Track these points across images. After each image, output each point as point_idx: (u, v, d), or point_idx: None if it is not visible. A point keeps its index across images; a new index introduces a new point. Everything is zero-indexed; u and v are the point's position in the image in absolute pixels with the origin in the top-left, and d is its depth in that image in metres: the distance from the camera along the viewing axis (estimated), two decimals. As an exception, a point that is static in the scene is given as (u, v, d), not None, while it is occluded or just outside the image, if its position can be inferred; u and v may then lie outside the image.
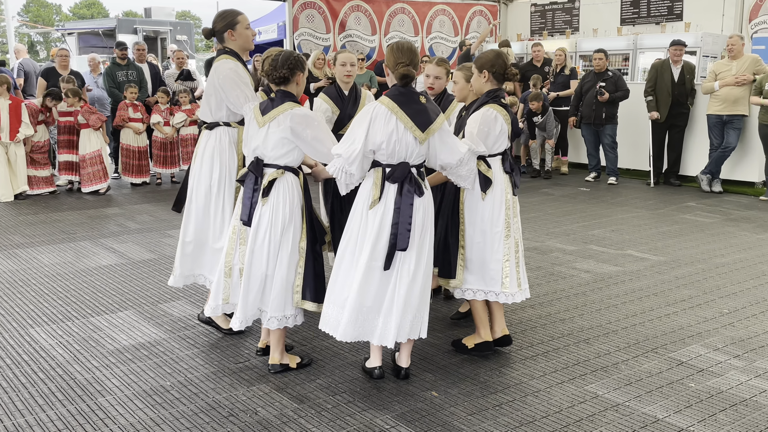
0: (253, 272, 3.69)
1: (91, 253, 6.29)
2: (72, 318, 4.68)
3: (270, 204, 3.65)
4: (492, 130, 3.87)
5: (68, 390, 3.62)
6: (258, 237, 3.67)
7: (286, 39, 12.98)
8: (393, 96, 3.50)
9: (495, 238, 3.93)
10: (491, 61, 3.94)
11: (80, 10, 64.09)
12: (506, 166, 3.98)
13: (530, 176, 10.67)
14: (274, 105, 3.64)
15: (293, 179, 3.70)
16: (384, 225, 3.50)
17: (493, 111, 3.89)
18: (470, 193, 3.93)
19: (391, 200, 3.50)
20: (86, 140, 9.17)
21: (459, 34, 14.69)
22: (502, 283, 3.96)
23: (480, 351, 4.04)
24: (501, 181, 3.95)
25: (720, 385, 3.70)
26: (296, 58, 3.66)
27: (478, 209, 3.93)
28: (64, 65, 10.03)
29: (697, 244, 6.65)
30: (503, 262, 3.95)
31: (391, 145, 3.46)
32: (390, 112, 3.46)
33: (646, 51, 12.28)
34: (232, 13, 4.14)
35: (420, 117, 3.47)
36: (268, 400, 3.52)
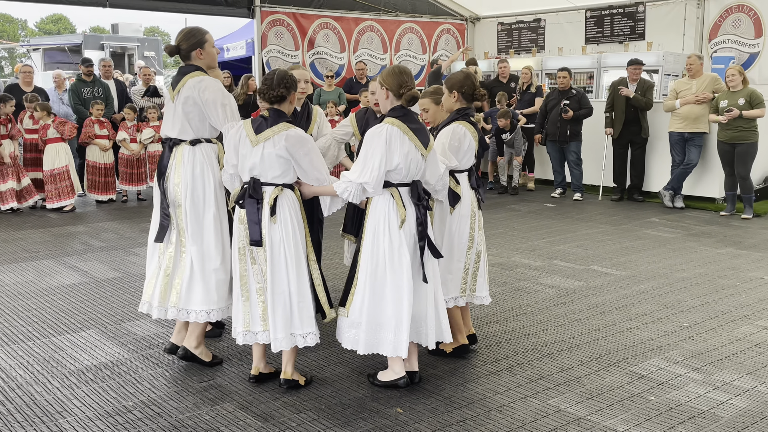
0: (277, 292, 3.67)
1: (54, 272, 6.20)
2: (33, 338, 4.61)
3: (279, 222, 3.66)
4: (461, 145, 4.05)
5: (28, 411, 3.56)
6: (275, 256, 3.66)
7: (255, 56, 12.98)
8: (400, 117, 3.66)
9: (458, 249, 4.15)
10: (461, 81, 4.14)
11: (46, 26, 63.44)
12: (472, 181, 4.17)
13: (497, 192, 10.78)
14: (268, 124, 3.64)
15: (292, 195, 3.74)
16: (411, 242, 3.69)
17: (462, 127, 4.08)
18: (439, 206, 4.11)
19: (412, 216, 3.69)
20: (54, 155, 9.06)
21: (427, 52, 14.83)
22: (461, 288, 4.20)
23: (458, 354, 4.25)
24: (468, 197, 4.14)
25: (679, 397, 3.76)
26: (291, 77, 3.72)
27: (446, 222, 4.12)
28: (27, 81, 9.93)
29: (659, 258, 6.77)
30: (463, 270, 4.18)
31: (408, 164, 3.62)
32: (402, 132, 3.61)
33: (610, 69, 12.49)
34: (201, 32, 4.10)
35: (422, 135, 3.67)
36: (232, 419, 3.50)
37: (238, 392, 3.80)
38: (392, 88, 3.69)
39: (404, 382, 3.79)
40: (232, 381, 3.94)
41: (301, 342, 3.74)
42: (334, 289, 5.49)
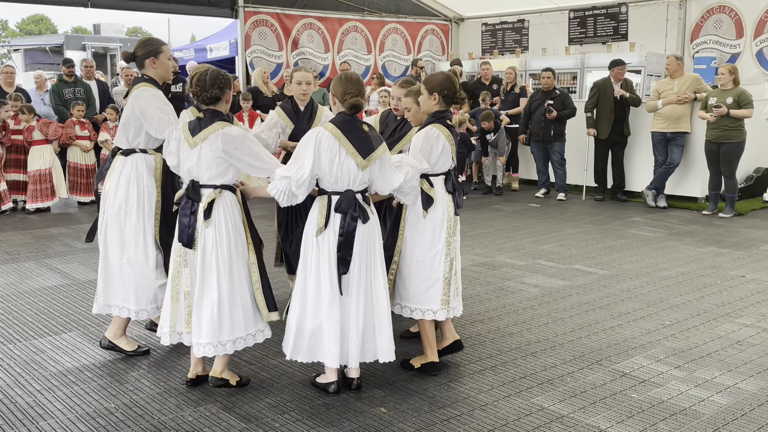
0: (206, 296, 3.62)
1: (35, 274, 6.15)
2: (14, 341, 4.57)
3: (213, 225, 3.59)
4: (434, 149, 3.93)
5: (8, 414, 3.53)
6: (206, 261, 3.61)
7: (238, 56, 12.95)
8: (337, 123, 3.60)
9: (436, 257, 3.99)
10: (441, 83, 3.98)
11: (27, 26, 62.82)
12: (448, 186, 4.04)
13: (482, 193, 10.81)
14: (202, 125, 3.59)
15: (231, 197, 3.67)
16: (332, 251, 3.61)
17: (436, 130, 3.96)
18: (412, 210, 3.99)
19: (337, 226, 3.60)
20: (38, 156, 8.99)
21: (411, 53, 14.85)
22: (441, 300, 4.02)
23: (426, 371, 4.06)
24: (443, 201, 4.01)
25: (661, 395, 3.79)
26: (224, 76, 3.66)
27: (419, 227, 3.98)
28: (9, 82, 9.84)
29: (642, 257, 6.81)
30: (442, 280, 4.01)
31: (334, 171, 3.55)
32: (333, 137, 3.55)
33: (593, 69, 12.59)
34: (157, 42, 4.27)
35: (362, 144, 3.58)
36: (215, 420, 3.49)
37: (221, 393, 3.78)
38: (337, 95, 3.68)
39: (333, 387, 3.74)
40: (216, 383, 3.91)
41: (229, 348, 3.68)
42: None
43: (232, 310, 3.65)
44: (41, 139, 9.03)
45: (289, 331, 3.72)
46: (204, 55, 15.47)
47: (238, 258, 3.66)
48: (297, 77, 5.04)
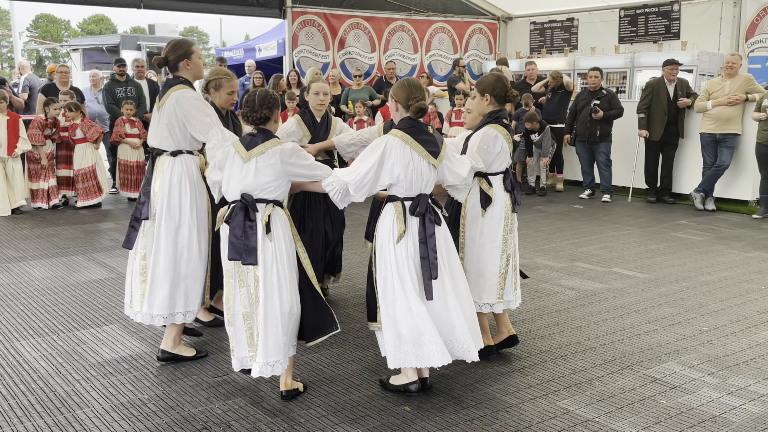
0: (269, 313, 3.56)
1: (83, 268, 6.37)
2: (58, 331, 4.75)
3: (274, 239, 3.57)
4: (491, 148, 4.05)
5: (47, 402, 3.68)
6: (267, 274, 3.56)
7: (286, 56, 13.12)
8: (405, 128, 3.66)
9: (493, 253, 4.13)
10: (492, 84, 4.14)
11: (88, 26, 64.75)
12: (507, 184, 4.17)
13: (525, 193, 10.72)
14: (258, 141, 3.58)
15: (282, 213, 3.67)
16: (415, 257, 3.63)
17: (494, 130, 4.08)
18: (472, 209, 4.11)
19: (415, 232, 3.65)
20: (81, 155, 9.29)
21: (458, 52, 14.81)
22: (497, 293, 4.17)
23: (484, 355, 4.17)
24: (501, 199, 4.14)
25: (691, 401, 3.73)
26: (272, 97, 3.65)
27: (477, 224, 4.12)
28: (64, 81, 10.19)
29: (685, 261, 6.68)
30: (498, 275, 4.16)
31: (409, 176, 3.60)
32: (404, 143, 3.61)
33: (643, 69, 12.36)
34: (187, 44, 4.23)
35: (431, 146, 3.65)
36: (242, 413, 3.57)
37: (250, 388, 3.87)
38: (401, 101, 3.70)
39: (416, 387, 3.77)
40: (245, 377, 4.00)
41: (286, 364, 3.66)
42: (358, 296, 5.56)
43: (293, 323, 3.66)
44: (83, 138, 9.32)
45: (389, 342, 3.68)
46: (253, 54, 15.71)
47: (295, 271, 3.67)
48: (314, 87, 5.08)
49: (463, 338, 3.69)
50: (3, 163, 8.81)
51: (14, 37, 25.09)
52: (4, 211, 8.81)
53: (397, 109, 3.76)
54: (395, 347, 3.67)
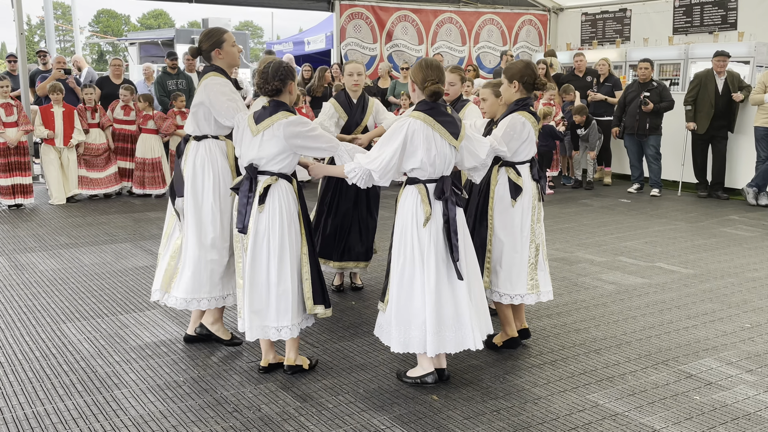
0: (255, 281, 3.73)
1: (130, 255, 6.56)
2: (102, 315, 4.92)
3: (266, 211, 3.69)
4: (518, 135, 4.04)
5: (88, 382, 3.82)
6: (257, 245, 3.70)
7: (334, 49, 13.21)
8: (425, 110, 3.62)
9: (524, 243, 4.14)
10: (521, 71, 4.11)
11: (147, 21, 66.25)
12: (534, 173, 4.16)
13: (572, 186, 10.59)
14: (267, 114, 3.70)
15: (287, 186, 3.75)
16: (440, 239, 3.63)
17: (522, 117, 4.06)
18: (500, 200, 4.10)
19: (439, 214, 3.64)
20: (150, 145, 9.56)
21: (508, 44, 14.66)
22: (528, 284, 4.18)
23: (509, 347, 4.27)
24: (529, 188, 4.14)
25: (726, 398, 3.65)
26: (286, 68, 3.74)
27: (507, 215, 4.10)
28: (117, 74, 10.47)
29: (732, 257, 6.51)
30: (528, 265, 4.16)
31: (432, 159, 3.59)
32: (426, 125, 3.59)
33: (697, 61, 12.01)
34: (219, 32, 4.25)
35: (452, 127, 3.64)
36: (272, 397, 3.65)
37: (282, 374, 3.94)
38: (417, 82, 3.67)
39: (432, 378, 3.76)
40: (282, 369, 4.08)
41: (274, 335, 3.76)
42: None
43: (279, 297, 3.73)
44: (153, 129, 9.57)
45: (389, 323, 3.70)
46: (302, 47, 15.86)
47: (290, 246, 3.72)
48: (348, 69, 5.17)
49: (469, 326, 3.65)
50: (59, 152, 9.13)
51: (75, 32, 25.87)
52: (60, 200, 9.12)
53: (414, 89, 3.76)
54: (404, 332, 3.66)
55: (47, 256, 6.49)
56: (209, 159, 4.19)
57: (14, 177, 8.73)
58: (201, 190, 4.18)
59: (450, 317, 3.64)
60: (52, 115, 9.05)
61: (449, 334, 3.64)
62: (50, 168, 9.12)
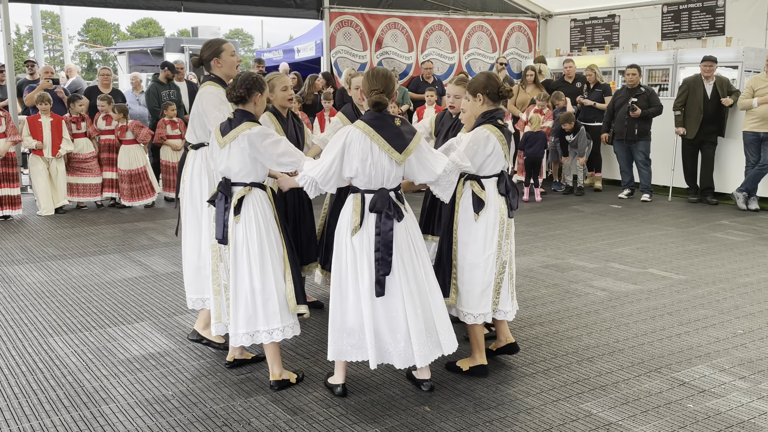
0: (240, 290, 3.76)
1: (119, 266, 6.50)
2: (90, 328, 4.86)
3: (243, 221, 3.73)
4: (481, 150, 3.84)
5: (75, 397, 3.76)
6: (238, 255, 3.74)
7: (323, 57, 13.18)
8: (368, 120, 3.59)
9: (489, 261, 3.92)
10: (483, 83, 3.94)
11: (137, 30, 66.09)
12: (501, 187, 3.94)
13: (562, 193, 10.59)
14: (232, 126, 3.72)
15: (261, 194, 3.80)
16: (370, 251, 3.59)
17: (486, 131, 3.86)
18: (464, 213, 3.94)
19: (372, 226, 3.59)
20: (133, 156, 9.49)
21: (497, 50, 14.68)
22: (493, 302, 3.99)
23: (475, 374, 4.03)
24: (495, 203, 3.92)
25: (719, 406, 3.63)
26: (254, 79, 3.77)
27: (471, 230, 3.93)
28: (105, 84, 10.40)
29: (723, 263, 6.51)
30: (494, 284, 3.96)
31: (367, 169, 3.54)
32: (365, 135, 3.54)
33: (686, 66, 12.05)
34: (218, 42, 4.38)
35: (396, 140, 3.55)
36: (263, 411, 3.60)
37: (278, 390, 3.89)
38: (365, 92, 3.67)
39: (339, 390, 3.76)
40: (268, 375, 4.03)
41: (266, 338, 3.79)
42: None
43: (266, 301, 3.76)
44: (132, 139, 9.51)
45: (331, 333, 3.71)
46: (292, 55, 15.82)
47: (271, 251, 3.76)
48: (355, 82, 5.11)
49: (415, 342, 3.59)
50: (47, 163, 9.06)
51: (64, 41, 25.77)
52: (48, 211, 9.05)
53: (363, 99, 3.74)
54: (337, 339, 3.67)
55: (35, 269, 6.42)
56: (206, 167, 4.30)
57: (2, 188, 8.66)
58: (199, 197, 4.32)
59: (386, 331, 3.61)
60: (40, 125, 8.98)
61: (390, 347, 3.63)
62: (38, 179, 9.05)
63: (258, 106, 3.83)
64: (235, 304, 3.78)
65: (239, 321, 3.77)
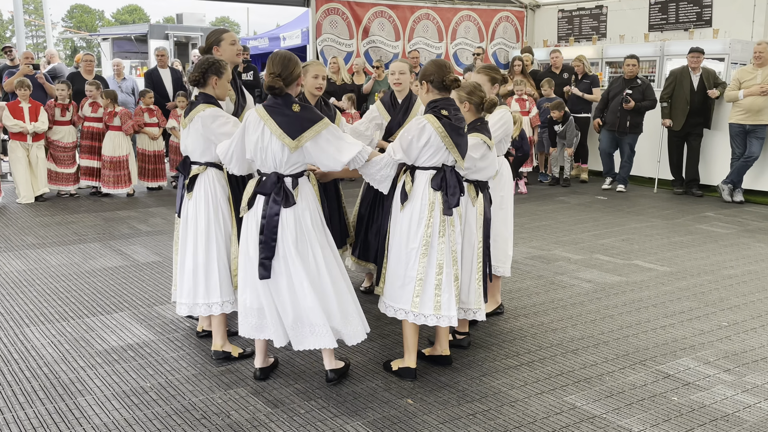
0: (185, 262, 4.00)
1: (99, 255, 6.40)
2: (68, 318, 4.77)
3: (193, 198, 3.97)
4: (416, 140, 3.65)
5: (50, 389, 3.68)
6: (187, 229, 3.99)
7: (309, 45, 13.06)
8: (266, 105, 3.56)
9: (411, 255, 3.71)
10: (428, 71, 3.77)
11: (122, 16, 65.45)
12: (435, 182, 3.68)
13: (548, 184, 10.57)
14: (192, 107, 3.93)
15: (215, 174, 3.99)
16: (256, 233, 3.59)
17: (423, 121, 3.66)
18: (395, 204, 3.80)
19: (260, 209, 3.58)
20: (117, 143, 9.32)
21: (484, 40, 14.61)
22: (412, 302, 3.73)
23: (402, 376, 3.85)
24: (423, 197, 3.69)
25: (704, 399, 3.61)
26: (211, 63, 3.92)
27: (397, 221, 3.79)
28: (88, 70, 10.23)
29: (708, 255, 6.50)
30: (416, 280, 3.72)
31: (258, 153, 3.54)
32: (260, 119, 3.52)
33: (673, 57, 12.03)
34: (219, 31, 4.49)
35: (292, 126, 3.46)
36: (242, 403, 3.54)
37: (251, 378, 3.83)
38: (265, 75, 3.66)
39: (255, 375, 3.83)
40: (249, 366, 3.97)
41: (205, 311, 3.99)
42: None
43: (207, 276, 3.96)
44: (118, 126, 9.35)
45: (239, 310, 3.77)
46: (278, 43, 15.68)
47: (217, 229, 3.96)
48: (391, 67, 5.04)
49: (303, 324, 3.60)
50: (27, 150, 8.90)
51: (47, 27, 25.41)
52: (28, 199, 8.90)
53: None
54: (242, 316, 3.73)
55: (12, 257, 6.30)
56: None
57: (-20, 175, 8.51)
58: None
59: (266, 309, 3.65)
60: (20, 110, 8.82)
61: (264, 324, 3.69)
62: (18, 166, 8.90)
63: (218, 89, 3.98)
64: (180, 275, 4.03)
65: (183, 291, 4.02)
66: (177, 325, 4.64)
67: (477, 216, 4.01)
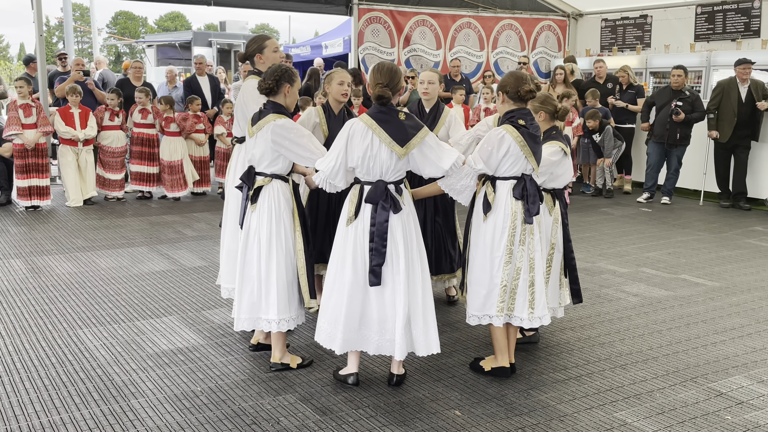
0: (246, 276, 3.94)
1: (146, 259, 6.51)
2: (119, 321, 4.86)
3: (257, 210, 3.90)
4: (496, 151, 3.76)
5: (104, 390, 3.76)
6: (248, 242, 3.93)
7: (351, 53, 13.14)
8: (372, 114, 3.63)
9: (495, 263, 3.83)
10: (504, 82, 3.89)
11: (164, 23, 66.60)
12: (516, 191, 3.80)
13: (591, 195, 10.46)
14: (261, 116, 3.86)
15: (280, 186, 3.92)
16: (364, 241, 3.64)
17: (502, 131, 3.77)
18: (476, 214, 3.91)
19: (368, 217, 3.63)
20: (173, 148, 9.54)
21: (526, 49, 14.55)
22: (498, 306, 3.85)
23: (496, 375, 4.00)
24: (507, 206, 3.80)
25: (759, 418, 3.54)
26: (284, 70, 3.86)
27: (480, 231, 3.88)
28: (137, 77, 10.45)
29: (758, 270, 6.38)
30: (500, 287, 3.83)
31: (366, 161, 3.59)
32: (368, 128, 3.57)
33: (720, 68, 11.85)
34: (261, 38, 4.51)
35: (399, 134, 3.57)
36: (291, 410, 3.57)
37: (301, 384, 3.87)
38: (371, 85, 3.72)
39: (353, 380, 3.83)
40: (297, 373, 4.01)
41: (265, 326, 3.94)
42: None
43: (268, 292, 3.90)
44: (176, 131, 9.54)
45: (329, 323, 3.74)
46: (320, 51, 15.81)
47: (278, 243, 3.88)
48: (421, 77, 5.10)
49: (395, 333, 3.64)
50: (76, 155, 9.11)
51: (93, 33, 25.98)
52: (77, 202, 9.10)
53: (370, 92, 3.78)
54: (332, 330, 3.72)
55: (64, 260, 6.45)
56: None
57: (31, 179, 8.72)
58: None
59: (376, 320, 3.67)
60: (71, 116, 9.04)
61: (373, 335, 3.69)
62: (68, 170, 9.11)
63: (288, 98, 3.92)
64: (240, 288, 3.94)
65: (243, 305, 3.96)
66: (225, 330, 4.70)
67: (552, 223, 4.19)
